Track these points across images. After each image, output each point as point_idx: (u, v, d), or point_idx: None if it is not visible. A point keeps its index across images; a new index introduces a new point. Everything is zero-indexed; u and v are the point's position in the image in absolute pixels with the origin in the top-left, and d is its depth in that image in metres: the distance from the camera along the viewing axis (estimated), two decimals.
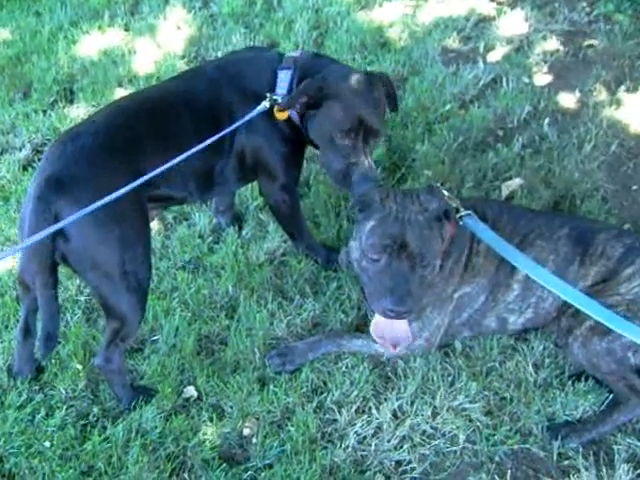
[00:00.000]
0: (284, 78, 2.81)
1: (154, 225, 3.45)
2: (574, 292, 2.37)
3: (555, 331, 2.78)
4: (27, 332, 2.74)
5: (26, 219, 2.38)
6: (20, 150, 3.96)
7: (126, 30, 4.98)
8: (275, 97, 2.76)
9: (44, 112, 4.26)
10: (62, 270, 3.10)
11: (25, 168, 3.87)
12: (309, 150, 3.08)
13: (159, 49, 4.74)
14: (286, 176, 2.99)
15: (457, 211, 2.65)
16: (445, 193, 2.69)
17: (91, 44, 4.81)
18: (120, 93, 4.29)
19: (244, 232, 3.43)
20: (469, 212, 2.66)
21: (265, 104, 2.74)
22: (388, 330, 2.50)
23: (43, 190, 2.35)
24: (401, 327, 2.49)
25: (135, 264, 2.47)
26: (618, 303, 2.57)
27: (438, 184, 2.78)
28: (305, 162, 3.61)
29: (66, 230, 2.32)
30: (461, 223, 2.64)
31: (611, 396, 2.64)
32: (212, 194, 3.05)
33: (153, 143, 2.59)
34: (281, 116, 2.78)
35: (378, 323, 2.51)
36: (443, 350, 2.85)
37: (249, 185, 3.55)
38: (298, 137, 2.91)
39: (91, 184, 2.37)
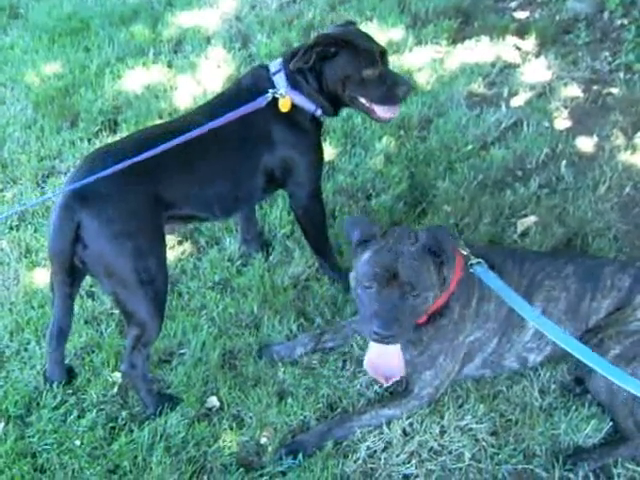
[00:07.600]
0: (280, 79, 3.00)
1: (187, 247, 3.67)
2: (579, 345, 2.44)
3: (576, 362, 2.81)
4: (59, 335, 2.93)
5: (52, 224, 2.67)
6: (65, 174, 4.17)
7: (169, 67, 5.22)
8: (275, 91, 2.95)
9: (89, 140, 4.50)
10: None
11: None
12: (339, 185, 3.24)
13: (199, 86, 4.96)
14: (314, 180, 3.19)
15: (468, 259, 2.75)
16: (456, 240, 2.80)
17: (135, 79, 5.06)
18: None
19: (271, 257, 3.60)
20: (479, 260, 2.73)
21: (268, 96, 2.94)
22: (381, 363, 2.57)
23: (69, 200, 2.61)
24: (394, 361, 2.56)
25: (150, 274, 2.68)
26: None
27: (452, 231, 2.86)
28: (331, 195, 3.83)
29: (85, 238, 2.58)
30: (471, 270, 2.72)
31: (611, 424, 2.75)
32: (237, 212, 3.27)
33: (176, 169, 2.79)
34: (285, 106, 2.97)
35: (371, 356, 2.57)
36: None
37: (278, 214, 3.76)
38: (312, 125, 3.11)
39: (111, 200, 2.62)
